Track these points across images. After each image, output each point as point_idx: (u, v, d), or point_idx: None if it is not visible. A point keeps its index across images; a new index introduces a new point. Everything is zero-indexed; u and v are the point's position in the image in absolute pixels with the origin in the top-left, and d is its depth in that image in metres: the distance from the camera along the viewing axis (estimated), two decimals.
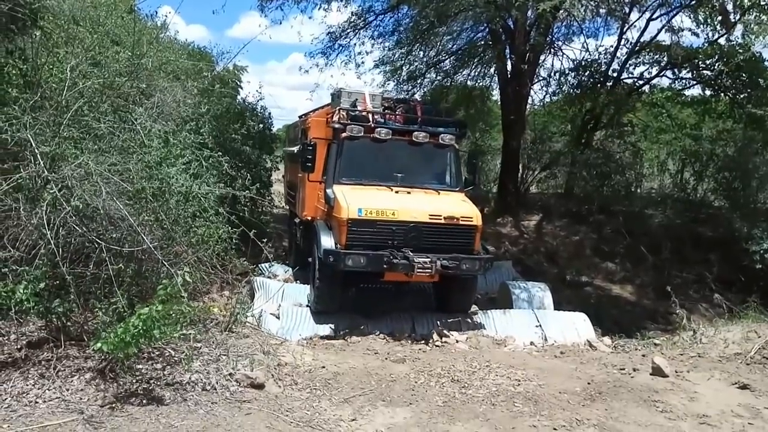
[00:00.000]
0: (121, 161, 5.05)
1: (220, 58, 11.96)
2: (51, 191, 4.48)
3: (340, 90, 9.13)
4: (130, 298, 4.76)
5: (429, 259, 7.37)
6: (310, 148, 8.40)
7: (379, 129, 8.30)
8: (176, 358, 4.91)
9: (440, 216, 7.72)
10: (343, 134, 8.31)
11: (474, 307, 8.85)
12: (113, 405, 4.18)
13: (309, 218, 9.13)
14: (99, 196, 4.64)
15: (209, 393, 4.58)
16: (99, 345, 4.18)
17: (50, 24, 6.40)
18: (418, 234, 7.61)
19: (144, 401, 4.29)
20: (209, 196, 5.89)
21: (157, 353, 5.00)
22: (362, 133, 8.28)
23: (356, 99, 8.87)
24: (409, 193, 8.17)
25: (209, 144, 6.70)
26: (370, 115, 8.61)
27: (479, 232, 8.01)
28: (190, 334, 5.17)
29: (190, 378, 4.70)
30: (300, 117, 11.38)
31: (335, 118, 8.50)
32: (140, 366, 4.75)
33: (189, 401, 4.39)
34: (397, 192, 8.11)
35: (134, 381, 4.52)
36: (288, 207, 12.40)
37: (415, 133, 8.39)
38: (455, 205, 8.08)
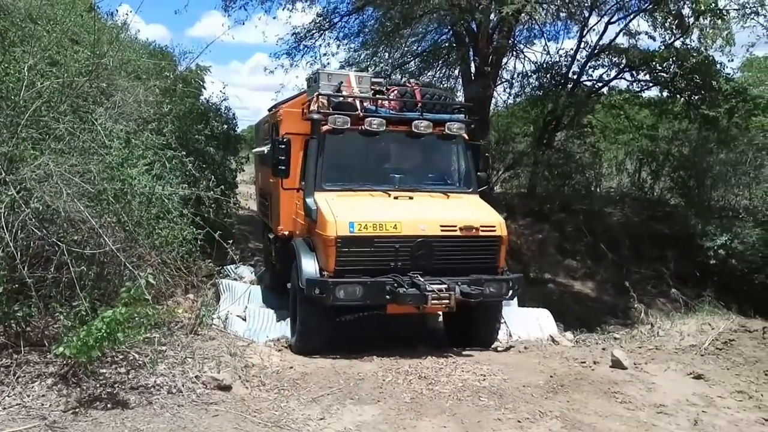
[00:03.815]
0: (81, 162, 4.95)
1: (182, 57, 11.82)
2: (9, 193, 4.38)
3: (318, 72, 7.38)
4: (92, 302, 4.68)
5: (445, 286, 5.90)
6: (282, 146, 6.76)
7: (369, 119, 6.71)
8: (141, 362, 4.85)
9: (455, 226, 6.25)
10: (325, 127, 6.71)
11: None
12: (77, 410, 4.11)
13: (286, 233, 7.52)
14: (59, 197, 4.55)
15: (175, 396, 4.53)
16: (61, 349, 4.11)
17: (5, 22, 6.24)
18: (428, 251, 6.14)
19: (108, 405, 4.23)
20: (173, 198, 5.82)
21: (120, 357, 4.92)
22: (348, 125, 6.67)
23: (339, 82, 7.17)
24: (411, 198, 6.65)
25: (172, 144, 6.62)
26: (357, 102, 6.96)
27: (504, 244, 6.52)
28: (155, 337, 5.11)
29: (155, 381, 4.65)
30: (270, 110, 9.82)
31: (314, 107, 6.91)
32: (104, 370, 4.68)
33: (155, 404, 4.34)
34: (396, 198, 6.59)
35: (98, 385, 4.45)
36: (261, 217, 10.76)
37: (415, 122, 6.80)
38: (472, 212, 6.61)
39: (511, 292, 6.51)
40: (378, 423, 4.61)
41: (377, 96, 7.22)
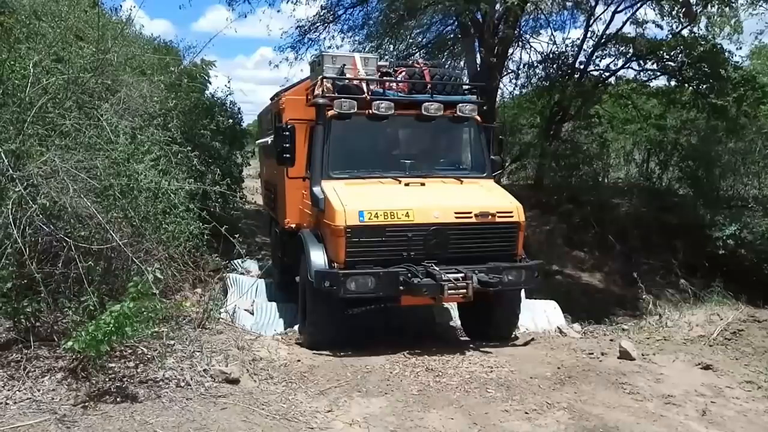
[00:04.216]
0: (87, 158, 4.97)
1: (187, 52, 11.81)
2: (16, 190, 4.40)
3: (322, 54, 7.13)
4: (100, 297, 4.70)
5: (462, 275, 5.68)
6: (287, 133, 6.51)
7: (377, 102, 6.42)
8: (149, 356, 4.87)
9: (470, 213, 6.02)
10: (330, 112, 6.45)
11: None
12: (86, 404, 4.13)
13: (293, 226, 7.32)
14: (66, 193, 4.57)
15: (184, 389, 4.55)
16: (70, 344, 4.13)
17: (10, 19, 6.26)
18: (443, 240, 5.92)
19: (118, 399, 4.25)
20: (179, 192, 5.83)
21: (129, 351, 4.95)
22: (355, 109, 6.42)
23: (344, 65, 6.87)
24: (423, 184, 6.41)
25: (178, 139, 6.63)
26: (363, 84, 6.70)
27: (522, 230, 6.33)
28: (163, 331, 5.14)
29: (163, 375, 4.67)
30: (272, 98, 9.41)
31: (318, 91, 6.66)
32: (113, 364, 4.70)
33: (163, 398, 4.37)
34: (407, 185, 6.36)
35: (107, 379, 4.48)
36: (267, 210, 10.46)
37: (425, 104, 6.52)
38: (488, 197, 6.36)
39: (530, 279, 6.25)
40: (385, 415, 4.63)
41: (384, 78, 6.94)
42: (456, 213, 6.03)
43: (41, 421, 3.86)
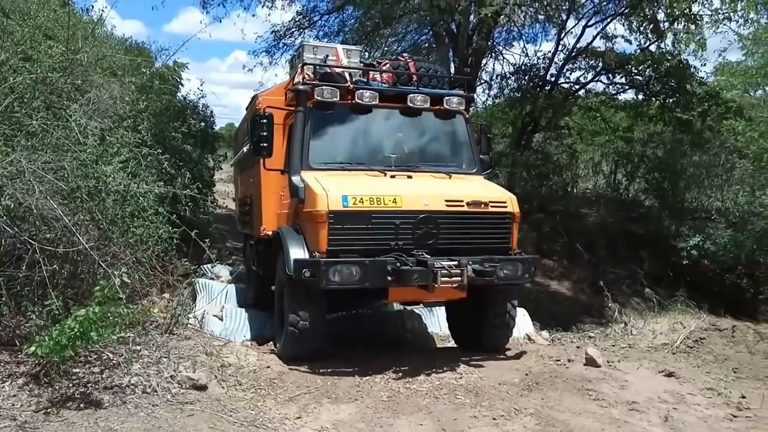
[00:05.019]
0: (54, 159, 4.88)
1: (159, 54, 11.67)
2: None
3: (303, 45, 6.89)
4: (65, 301, 4.62)
5: (456, 263, 5.26)
6: (264, 121, 6.08)
7: (360, 91, 6.10)
8: (115, 361, 4.78)
9: (461, 201, 5.63)
10: (311, 100, 6.09)
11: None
12: (48, 410, 4.04)
13: (269, 233, 6.68)
14: (32, 195, 4.48)
15: (150, 395, 4.48)
16: (33, 349, 4.03)
17: None
18: (433, 229, 5.48)
19: (81, 405, 4.16)
20: (148, 195, 5.74)
21: (94, 357, 4.85)
22: (337, 98, 6.08)
23: (326, 55, 6.62)
24: (410, 177, 6.04)
25: (148, 142, 6.54)
26: (347, 74, 6.38)
27: (516, 221, 5.93)
28: (129, 336, 5.06)
29: (129, 381, 4.59)
30: (247, 108, 8.79)
31: (298, 79, 6.33)
32: (77, 370, 4.60)
33: (129, 404, 4.29)
34: (393, 177, 5.98)
35: (71, 385, 4.38)
36: (242, 229, 9.76)
37: (411, 96, 6.22)
38: (479, 188, 6.05)
39: (527, 274, 5.84)
40: (355, 421, 4.62)
41: (368, 68, 6.65)
42: (447, 201, 5.65)
43: (1, 428, 3.76)
